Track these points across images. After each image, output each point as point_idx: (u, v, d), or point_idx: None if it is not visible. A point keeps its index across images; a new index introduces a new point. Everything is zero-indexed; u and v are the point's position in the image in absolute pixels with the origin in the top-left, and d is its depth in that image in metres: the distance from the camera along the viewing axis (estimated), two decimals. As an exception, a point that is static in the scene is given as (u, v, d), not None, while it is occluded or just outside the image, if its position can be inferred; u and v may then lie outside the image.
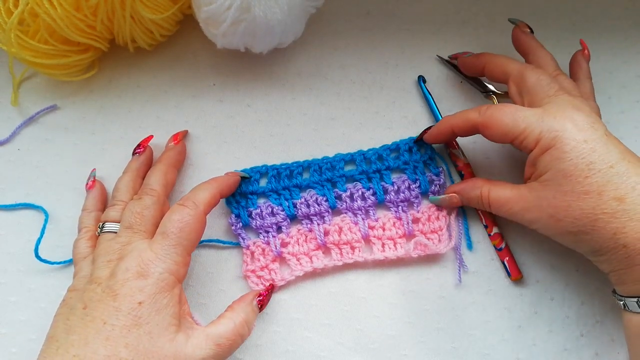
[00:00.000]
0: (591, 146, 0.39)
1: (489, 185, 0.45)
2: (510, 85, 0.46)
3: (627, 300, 0.40)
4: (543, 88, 0.43)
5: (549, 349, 0.47)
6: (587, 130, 0.40)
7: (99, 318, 0.38)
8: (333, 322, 0.48)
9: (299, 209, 0.49)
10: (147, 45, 0.53)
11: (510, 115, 0.42)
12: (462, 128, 0.45)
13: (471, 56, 0.50)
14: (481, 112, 0.44)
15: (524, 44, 0.49)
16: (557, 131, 0.40)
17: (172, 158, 0.49)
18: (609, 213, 0.38)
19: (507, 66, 0.46)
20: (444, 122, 0.47)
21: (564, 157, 0.39)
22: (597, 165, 0.39)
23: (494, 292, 0.48)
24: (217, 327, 0.41)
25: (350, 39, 0.55)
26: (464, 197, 0.47)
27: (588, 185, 0.38)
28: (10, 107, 0.54)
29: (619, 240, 0.38)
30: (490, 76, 0.48)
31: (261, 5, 0.45)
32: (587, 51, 0.49)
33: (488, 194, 0.45)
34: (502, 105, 0.43)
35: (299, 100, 0.54)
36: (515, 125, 0.41)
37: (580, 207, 0.39)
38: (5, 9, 0.46)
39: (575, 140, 0.39)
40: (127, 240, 0.42)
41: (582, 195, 0.39)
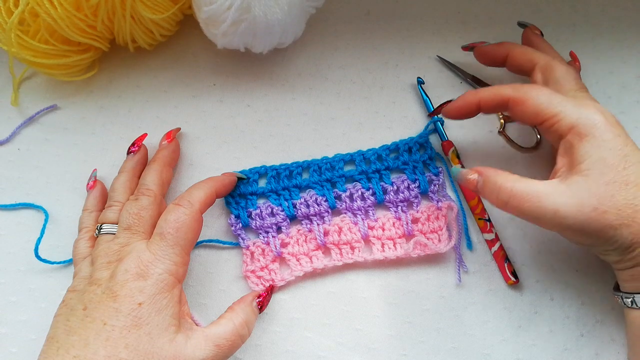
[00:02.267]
0: (623, 140, 0.40)
1: (514, 176, 0.41)
2: (535, 74, 0.46)
3: (637, 297, 0.41)
4: (571, 81, 0.43)
5: (549, 349, 0.47)
6: (617, 126, 0.41)
7: (99, 319, 0.38)
8: (333, 322, 0.48)
9: (299, 209, 0.49)
10: (147, 45, 0.53)
11: (546, 95, 0.42)
12: (490, 103, 0.44)
13: (491, 45, 0.49)
14: (516, 88, 0.43)
15: (537, 46, 0.49)
16: (595, 120, 0.40)
17: (167, 157, 0.49)
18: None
19: (535, 55, 0.46)
20: (470, 94, 0.45)
21: (605, 145, 0.39)
22: (631, 158, 0.39)
23: (493, 292, 0.48)
24: (217, 328, 0.41)
25: (350, 39, 0.55)
26: (484, 180, 0.42)
27: (627, 175, 0.39)
28: (10, 107, 0.54)
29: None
30: (514, 64, 0.47)
31: (261, 5, 0.45)
32: (578, 63, 0.50)
33: (512, 184, 0.40)
34: (537, 86, 0.43)
35: (299, 100, 0.54)
36: (550, 106, 0.41)
37: (624, 196, 0.38)
38: (6, 9, 0.46)
39: (612, 132, 0.40)
40: (125, 241, 0.42)
41: (624, 185, 0.38)
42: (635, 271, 0.40)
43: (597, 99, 0.52)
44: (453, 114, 0.47)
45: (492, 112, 0.46)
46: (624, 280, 0.42)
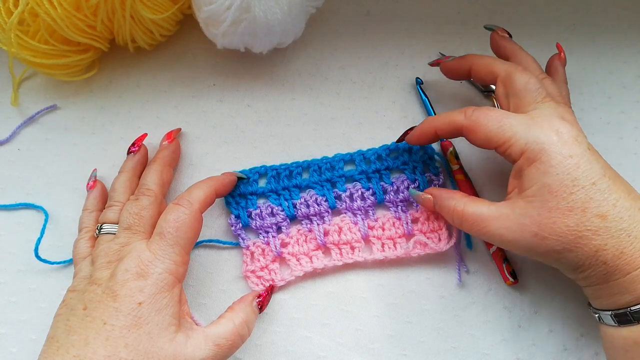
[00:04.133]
0: (576, 162, 0.38)
1: (465, 199, 0.43)
2: (497, 86, 0.45)
3: (602, 314, 0.41)
4: (531, 93, 0.42)
5: (549, 349, 0.47)
6: (572, 144, 0.39)
7: (99, 318, 0.38)
8: (333, 322, 0.48)
9: (299, 209, 0.49)
10: (147, 45, 0.53)
11: (496, 121, 0.41)
12: (445, 130, 0.44)
13: (454, 59, 0.48)
14: (467, 115, 0.42)
15: (505, 49, 0.47)
16: (544, 143, 0.39)
17: (167, 157, 0.49)
18: (592, 230, 0.38)
19: (495, 66, 0.44)
20: (426, 123, 0.46)
21: (551, 171, 0.38)
22: (581, 181, 0.38)
23: (494, 292, 0.48)
24: (217, 328, 0.42)
25: (350, 39, 0.55)
26: (437, 203, 0.45)
27: (572, 201, 0.38)
28: (10, 107, 0.54)
29: (600, 257, 0.38)
30: (477, 77, 0.47)
31: (261, 5, 0.45)
32: (563, 54, 0.48)
33: (463, 208, 0.43)
34: (488, 110, 0.42)
35: (299, 100, 0.54)
36: (500, 132, 0.40)
37: (566, 223, 0.38)
38: (5, 9, 0.46)
39: (562, 154, 0.39)
40: (125, 241, 0.42)
41: (567, 212, 0.38)
42: (594, 290, 0.40)
43: (597, 99, 0.53)
44: (415, 142, 0.47)
45: (450, 137, 0.46)
46: (589, 298, 0.42)
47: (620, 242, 0.38)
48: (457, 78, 0.50)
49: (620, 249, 0.37)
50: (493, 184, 0.51)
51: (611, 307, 0.40)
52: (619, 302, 0.39)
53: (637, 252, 0.37)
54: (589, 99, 0.53)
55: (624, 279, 0.38)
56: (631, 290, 0.38)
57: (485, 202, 0.43)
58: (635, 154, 0.52)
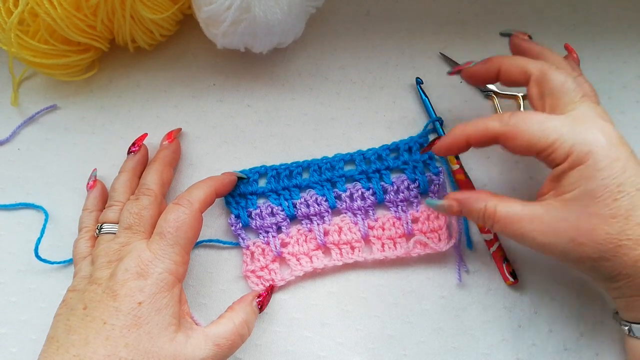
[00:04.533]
0: (622, 165, 0.36)
1: (496, 199, 0.40)
2: (531, 87, 0.41)
3: (634, 327, 0.39)
4: (569, 92, 0.39)
5: (549, 349, 0.47)
6: (618, 147, 0.37)
7: (99, 318, 0.38)
8: (333, 322, 0.48)
9: (299, 209, 0.49)
10: (147, 45, 0.53)
11: (538, 124, 0.38)
12: (479, 139, 0.41)
13: (479, 64, 0.45)
14: (504, 121, 0.39)
15: (530, 51, 0.44)
16: (592, 145, 0.37)
17: (168, 157, 0.49)
18: (633, 239, 0.36)
19: (528, 65, 0.41)
20: (458, 131, 0.42)
21: (597, 175, 0.36)
22: (627, 187, 0.36)
23: (494, 292, 0.48)
24: (217, 328, 0.42)
25: (350, 39, 0.55)
26: (465, 208, 0.42)
27: (616, 208, 0.36)
28: (10, 107, 0.54)
29: (639, 268, 0.36)
30: (508, 79, 0.43)
31: (261, 5, 0.45)
32: (575, 55, 0.46)
33: (495, 209, 0.40)
34: (527, 114, 0.39)
35: (299, 100, 0.54)
36: (544, 137, 0.38)
37: (607, 231, 0.36)
38: (5, 9, 0.46)
39: (609, 157, 0.36)
40: (126, 240, 0.42)
41: (609, 219, 0.36)
42: (627, 301, 0.39)
43: (597, 99, 0.52)
44: (444, 152, 0.44)
45: (484, 146, 0.42)
46: (619, 308, 0.41)
47: None
48: (483, 83, 0.46)
49: None
50: (493, 184, 0.51)
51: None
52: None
53: None
54: (589, 99, 0.53)
55: None
56: None
57: (517, 201, 0.40)
58: (635, 154, 0.52)
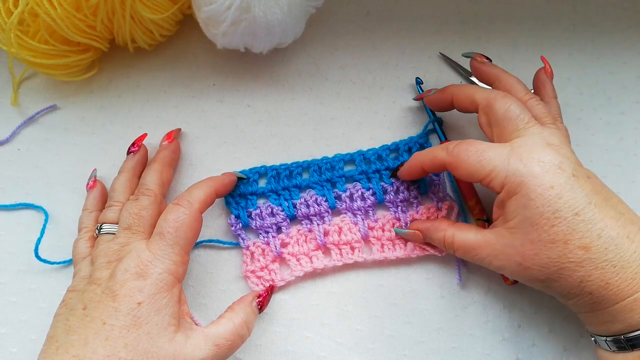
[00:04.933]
0: (557, 192, 0.38)
1: (453, 229, 0.44)
2: (479, 115, 0.44)
3: (598, 338, 0.41)
4: (512, 120, 0.41)
5: (549, 349, 0.47)
6: (554, 174, 0.38)
7: (98, 318, 0.38)
8: (333, 322, 0.48)
9: (299, 210, 0.49)
10: (147, 45, 0.53)
11: (475, 156, 0.41)
12: (430, 166, 0.45)
13: (436, 92, 0.48)
14: (448, 151, 0.42)
15: (487, 74, 0.47)
16: (523, 176, 0.38)
17: (167, 157, 0.49)
18: (575, 262, 0.37)
19: (474, 96, 0.44)
20: (413, 159, 0.46)
21: (530, 204, 0.38)
22: (563, 213, 0.37)
23: (494, 292, 0.49)
24: (217, 328, 0.42)
25: (350, 39, 0.55)
26: (427, 236, 0.47)
27: (554, 234, 0.38)
28: (10, 107, 0.54)
29: (584, 288, 0.38)
30: (460, 108, 0.46)
31: (261, 5, 0.45)
32: (549, 67, 0.47)
33: (452, 238, 0.44)
34: (467, 144, 0.42)
35: (299, 100, 0.54)
36: (480, 168, 0.40)
37: (548, 255, 0.38)
38: (5, 9, 0.46)
39: (542, 186, 0.38)
40: (125, 241, 0.42)
41: (549, 244, 0.38)
42: (585, 317, 0.41)
43: (597, 99, 0.53)
44: (405, 177, 0.49)
45: (437, 172, 0.48)
46: (583, 323, 0.42)
47: (605, 273, 0.37)
48: (442, 110, 0.49)
49: (605, 280, 0.37)
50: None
51: (605, 333, 0.39)
52: (611, 329, 0.38)
53: (623, 283, 0.37)
54: (589, 100, 0.53)
55: (612, 308, 0.37)
56: (621, 319, 0.37)
57: (472, 229, 0.43)
58: (635, 155, 0.52)
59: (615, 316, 0.38)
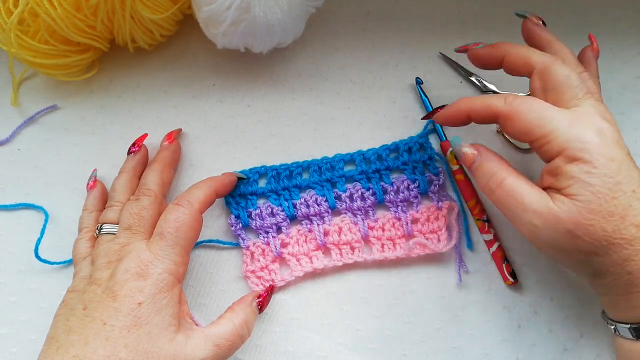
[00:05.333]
0: (617, 165, 0.37)
1: (510, 169, 0.41)
2: (533, 79, 0.41)
3: (619, 326, 0.40)
4: (572, 88, 0.39)
5: (549, 349, 0.47)
6: (614, 147, 0.37)
7: (98, 318, 0.38)
8: (333, 322, 0.48)
9: (299, 210, 0.49)
10: (147, 45, 0.53)
11: (538, 111, 0.38)
12: (481, 114, 0.41)
13: (486, 46, 0.45)
14: (507, 101, 0.40)
15: (540, 38, 0.44)
16: (586, 142, 0.37)
17: (168, 157, 0.49)
18: (626, 239, 0.36)
19: (532, 57, 0.41)
20: (462, 103, 0.43)
21: (595, 172, 0.36)
22: (623, 186, 0.36)
23: (494, 292, 0.49)
24: (217, 328, 0.42)
25: (350, 39, 0.55)
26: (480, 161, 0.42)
27: (614, 206, 0.36)
28: (10, 107, 0.54)
29: (626, 266, 0.37)
30: (511, 68, 0.43)
31: (261, 5, 0.45)
32: (596, 45, 0.45)
33: (505, 177, 0.40)
34: (531, 100, 0.39)
35: (299, 100, 0.54)
36: (541, 125, 0.38)
37: (604, 228, 0.36)
38: (5, 9, 0.46)
39: (604, 156, 0.37)
40: (126, 241, 0.42)
41: (607, 216, 0.36)
42: (612, 300, 0.40)
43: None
44: (443, 121, 0.45)
45: (483, 123, 0.43)
46: (605, 306, 0.41)
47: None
48: (487, 67, 0.46)
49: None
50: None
51: (630, 320, 0.39)
52: (638, 315, 0.38)
53: None
54: (589, 99, 0.53)
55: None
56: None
57: (526, 181, 0.40)
58: (635, 155, 0.51)
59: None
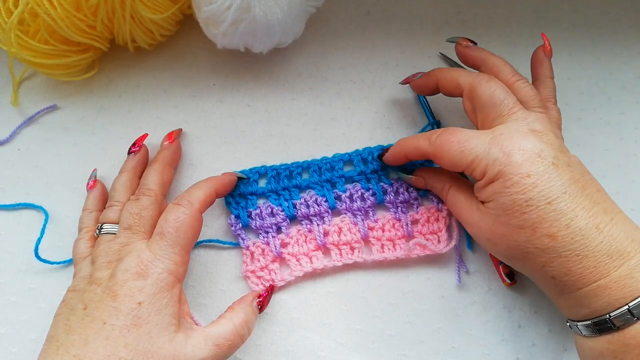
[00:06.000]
0: (533, 181, 0.38)
1: (451, 182, 0.46)
2: (464, 101, 0.44)
3: (571, 323, 0.41)
4: (496, 107, 0.41)
5: (549, 349, 0.47)
6: (532, 162, 0.39)
7: (98, 318, 0.38)
8: (333, 322, 0.48)
9: (299, 210, 0.49)
10: (147, 45, 0.53)
11: (457, 146, 0.41)
12: (414, 155, 0.45)
13: (422, 76, 0.48)
14: (431, 141, 0.43)
15: (472, 58, 0.47)
16: (502, 165, 0.39)
17: (168, 157, 0.49)
18: (539, 248, 0.38)
19: (459, 80, 0.44)
20: (397, 147, 0.47)
21: (505, 192, 0.39)
22: (535, 201, 0.38)
23: (494, 292, 0.49)
24: (217, 328, 0.42)
25: (350, 39, 0.55)
26: (428, 183, 0.48)
27: (524, 220, 0.38)
28: (10, 107, 0.54)
29: (547, 272, 0.39)
30: (445, 92, 0.46)
31: (261, 5, 0.45)
32: (548, 46, 0.46)
33: (448, 190, 0.46)
34: (449, 135, 0.42)
35: (299, 100, 0.54)
36: (462, 158, 0.41)
37: (515, 239, 0.39)
38: (5, 9, 0.46)
39: (518, 175, 0.38)
40: (126, 241, 0.42)
41: (517, 229, 0.39)
42: (554, 299, 0.41)
43: (597, 99, 0.53)
44: (391, 162, 0.49)
45: (420, 160, 0.49)
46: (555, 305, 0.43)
47: (568, 261, 0.38)
48: (429, 94, 0.49)
49: (567, 267, 0.38)
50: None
51: (575, 318, 0.40)
52: (579, 313, 0.39)
53: (586, 271, 0.37)
54: (588, 100, 0.53)
55: (576, 293, 0.38)
56: (586, 304, 0.38)
57: (467, 190, 0.44)
58: (635, 155, 0.52)
59: (580, 301, 0.38)
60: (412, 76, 0.50)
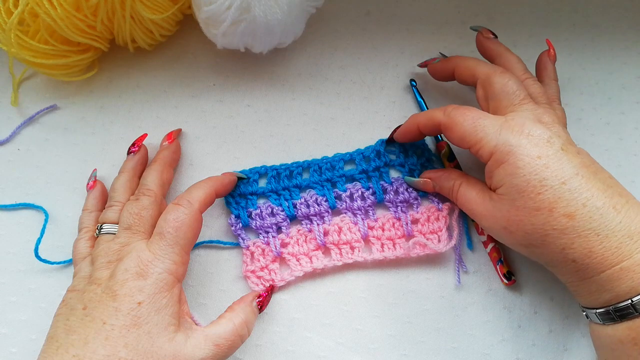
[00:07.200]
0: (544, 162, 0.39)
1: (462, 179, 0.46)
2: (477, 89, 0.45)
3: (588, 312, 0.41)
4: (508, 96, 0.43)
5: (549, 349, 0.47)
6: (542, 146, 0.39)
7: (98, 318, 0.38)
8: (333, 322, 0.48)
9: (299, 209, 0.49)
10: (147, 45, 0.53)
11: (470, 120, 0.42)
12: (427, 126, 0.45)
13: (440, 61, 0.50)
14: (446, 112, 0.43)
15: (489, 49, 0.48)
16: (512, 146, 0.39)
17: (168, 157, 0.49)
18: (558, 229, 0.38)
19: (476, 69, 0.45)
20: (411, 119, 0.47)
21: (517, 172, 0.39)
22: (549, 181, 0.38)
23: (493, 292, 0.49)
24: (217, 328, 0.42)
25: (350, 39, 0.55)
26: (437, 184, 0.48)
27: (540, 201, 0.38)
28: (10, 107, 0.54)
29: (567, 255, 0.38)
30: (460, 79, 0.48)
31: (261, 5, 0.45)
32: (552, 51, 0.48)
33: (458, 188, 0.46)
34: (465, 109, 0.43)
35: (299, 100, 0.54)
36: (473, 132, 0.41)
37: (532, 222, 0.39)
38: (5, 9, 0.46)
39: (529, 156, 0.39)
40: (126, 241, 0.42)
41: (534, 212, 0.39)
42: (573, 287, 0.41)
43: (597, 99, 0.53)
44: (402, 139, 0.49)
45: (432, 134, 0.48)
46: (573, 295, 0.42)
47: (588, 241, 0.38)
48: (444, 79, 0.50)
49: (588, 248, 0.38)
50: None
51: (594, 305, 0.40)
52: (599, 300, 0.39)
53: (607, 251, 0.37)
54: (589, 100, 0.53)
55: (598, 277, 0.38)
56: (608, 288, 0.38)
57: (477, 186, 0.44)
58: (635, 155, 0.52)
59: (602, 285, 0.38)
60: (430, 60, 0.51)
